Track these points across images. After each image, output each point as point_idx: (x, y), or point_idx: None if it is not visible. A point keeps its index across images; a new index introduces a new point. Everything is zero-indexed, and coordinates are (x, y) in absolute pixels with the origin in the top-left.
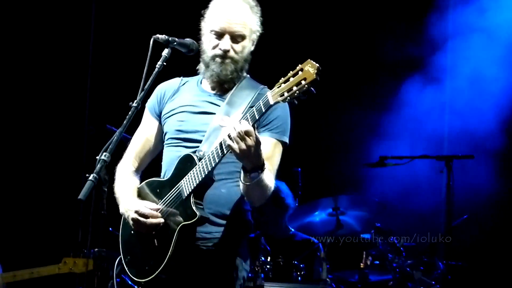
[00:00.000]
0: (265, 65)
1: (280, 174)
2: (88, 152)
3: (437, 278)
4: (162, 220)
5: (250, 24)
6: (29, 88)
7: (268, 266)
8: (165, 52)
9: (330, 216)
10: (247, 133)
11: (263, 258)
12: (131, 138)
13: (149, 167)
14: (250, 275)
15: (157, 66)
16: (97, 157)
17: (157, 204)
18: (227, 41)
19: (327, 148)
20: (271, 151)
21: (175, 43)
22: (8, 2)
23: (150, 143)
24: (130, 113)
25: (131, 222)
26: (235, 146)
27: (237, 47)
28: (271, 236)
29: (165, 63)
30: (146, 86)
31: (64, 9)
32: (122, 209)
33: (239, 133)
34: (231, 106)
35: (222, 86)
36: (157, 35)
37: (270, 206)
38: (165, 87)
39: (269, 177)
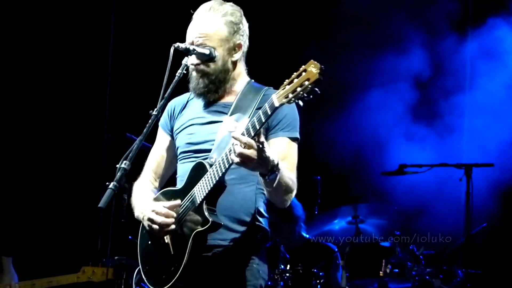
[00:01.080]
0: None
1: (299, 183)
2: (108, 161)
3: (456, 286)
4: (173, 220)
5: (219, 33)
6: (49, 96)
7: (287, 275)
8: (185, 60)
9: (349, 224)
10: (249, 146)
11: (282, 266)
12: (150, 147)
13: (167, 183)
14: (269, 283)
15: (177, 74)
16: (117, 165)
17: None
18: (192, 56)
19: (347, 156)
20: (286, 150)
21: (195, 52)
22: (29, 12)
23: (165, 159)
24: (150, 121)
25: (146, 223)
26: (242, 161)
27: None
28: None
29: (185, 71)
30: (166, 95)
31: (84, 18)
32: (137, 212)
33: (242, 150)
34: (238, 112)
35: (222, 94)
36: (177, 44)
37: (280, 222)
38: (174, 103)
39: (289, 176)
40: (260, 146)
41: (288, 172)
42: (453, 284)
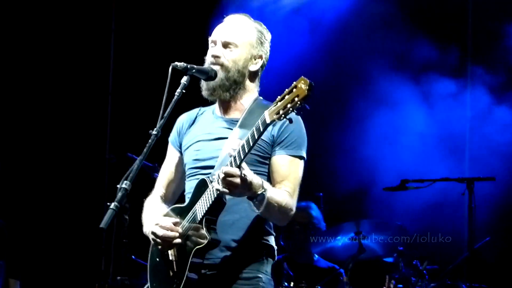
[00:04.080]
0: None
1: (303, 199)
2: (110, 181)
3: None
4: (177, 234)
5: (248, 37)
6: (50, 117)
7: None
8: (184, 79)
9: (352, 240)
10: (229, 176)
11: (286, 284)
12: (151, 166)
13: (179, 199)
14: None
15: (176, 93)
16: (118, 186)
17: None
18: (217, 47)
19: (349, 172)
20: (288, 169)
21: (194, 70)
22: (28, 30)
23: (175, 175)
24: (150, 141)
25: (151, 237)
26: (225, 191)
27: (229, 54)
28: (294, 261)
29: (184, 91)
30: (165, 114)
31: (84, 39)
32: (145, 228)
33: (223, 179)
34: (243, 129)
35: (230, 106)
36: (176, 63)
37: (300, 231)
38: (183, 119)
39: (280, 196)
40: (243, 174)
41: (281, 193)
42: None
